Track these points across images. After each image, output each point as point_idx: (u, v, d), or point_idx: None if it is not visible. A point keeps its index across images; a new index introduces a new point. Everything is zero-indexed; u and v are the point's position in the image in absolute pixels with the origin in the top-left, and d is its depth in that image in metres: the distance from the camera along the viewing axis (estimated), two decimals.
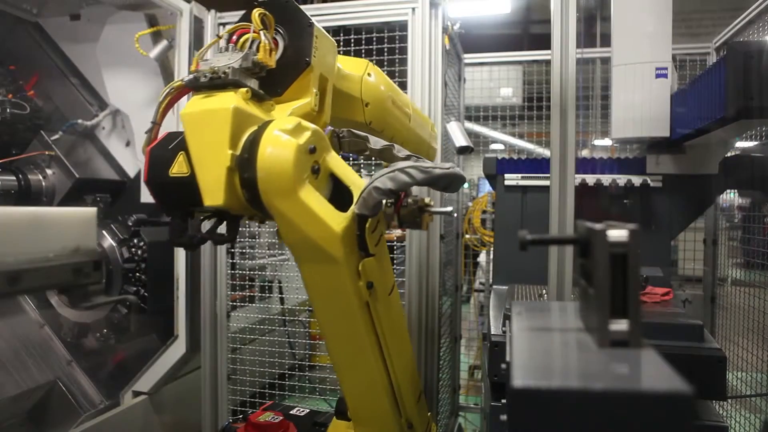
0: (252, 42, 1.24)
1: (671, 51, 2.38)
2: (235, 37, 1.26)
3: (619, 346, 0.75)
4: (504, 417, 0.74)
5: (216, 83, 1.19)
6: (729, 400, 2.77)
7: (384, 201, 1.23)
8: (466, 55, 3.46)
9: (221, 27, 2.72)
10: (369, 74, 1.62)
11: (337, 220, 1.16)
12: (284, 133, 1.12)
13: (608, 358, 0.73)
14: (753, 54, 1.81)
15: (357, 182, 1.24)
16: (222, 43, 1.28)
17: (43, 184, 2.99)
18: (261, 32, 1.25)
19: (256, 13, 1.27)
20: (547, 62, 2.43)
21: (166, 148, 1.19)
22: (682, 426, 0.61)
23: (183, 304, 2.66)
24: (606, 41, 2.72)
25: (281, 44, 1.33)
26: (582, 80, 3.17)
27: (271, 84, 1.30)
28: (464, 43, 3.28)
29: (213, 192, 1.13)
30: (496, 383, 1.87)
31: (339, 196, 1.24)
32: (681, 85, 2.51)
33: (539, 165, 2.69)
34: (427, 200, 1.36)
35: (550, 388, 0.65)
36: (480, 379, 3.89)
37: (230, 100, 1.15)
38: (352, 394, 1.44)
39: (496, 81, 3.64)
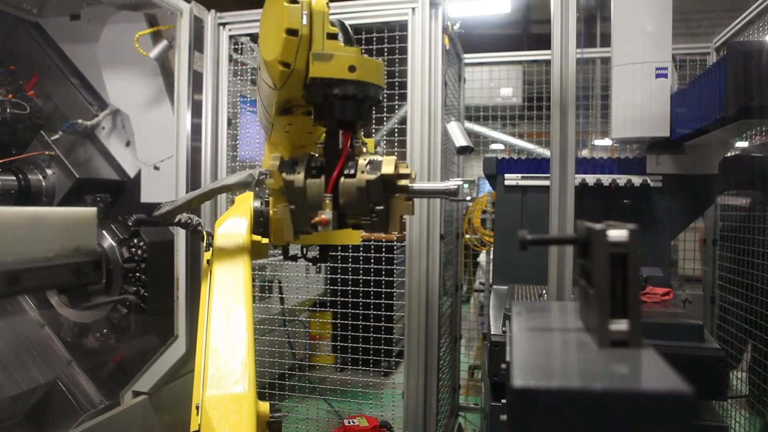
0: None
1: (671, 51, 2.38)
2: None
3: (619, 346, 0.75)
4: (504, 417, 0.74)
5: None
6: (729, 400, 2.77)
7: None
8: (466, 55, 3.46)
9: (221, 27, 2.72)
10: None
11: None
12: None
13: (608, 358, 0.73)
14: (753, 54, 1.81)
15: None
16: None
17: (43, 184, 2.98)
18: None
19: None
20: (547, 62, 2.44)
21: None
22: (682, 426, 0.61)
23: (183, 304, 2.66)
24: (606, 41, 2.72)
25: None
26: (582, 80, 3.18)
27: None
28: (464, 43, 3.28)
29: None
30: (496, 383, 1.87)
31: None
32: (681, 85, 2.51)
33: (539, 165, 2.69)
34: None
35: (550, 388, 0.65)
36: (480, 379, 3.88)
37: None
38: None
39: (496, 81, 3.64)
